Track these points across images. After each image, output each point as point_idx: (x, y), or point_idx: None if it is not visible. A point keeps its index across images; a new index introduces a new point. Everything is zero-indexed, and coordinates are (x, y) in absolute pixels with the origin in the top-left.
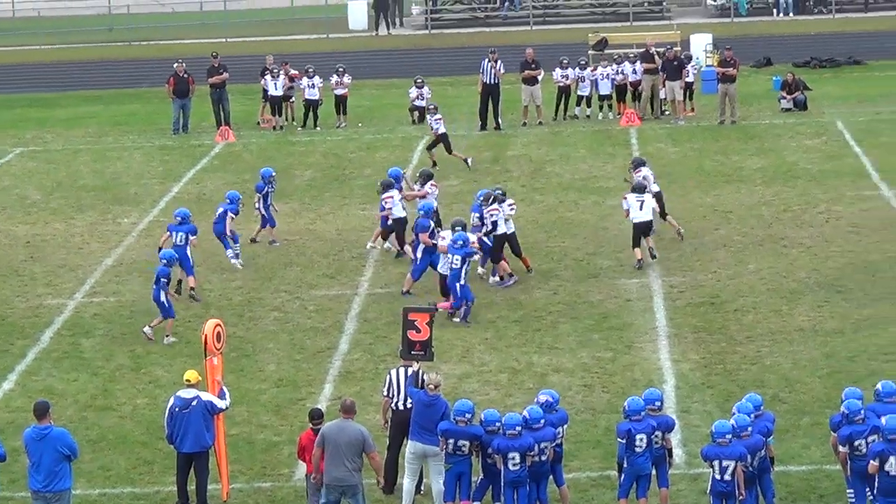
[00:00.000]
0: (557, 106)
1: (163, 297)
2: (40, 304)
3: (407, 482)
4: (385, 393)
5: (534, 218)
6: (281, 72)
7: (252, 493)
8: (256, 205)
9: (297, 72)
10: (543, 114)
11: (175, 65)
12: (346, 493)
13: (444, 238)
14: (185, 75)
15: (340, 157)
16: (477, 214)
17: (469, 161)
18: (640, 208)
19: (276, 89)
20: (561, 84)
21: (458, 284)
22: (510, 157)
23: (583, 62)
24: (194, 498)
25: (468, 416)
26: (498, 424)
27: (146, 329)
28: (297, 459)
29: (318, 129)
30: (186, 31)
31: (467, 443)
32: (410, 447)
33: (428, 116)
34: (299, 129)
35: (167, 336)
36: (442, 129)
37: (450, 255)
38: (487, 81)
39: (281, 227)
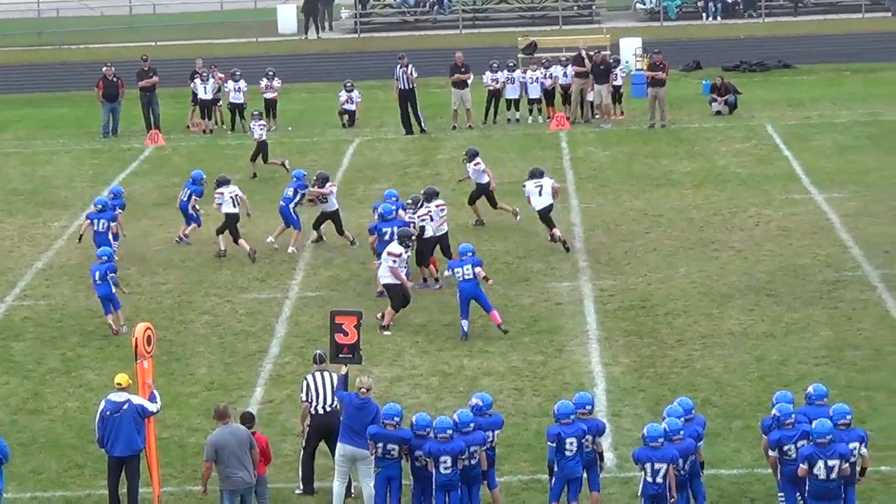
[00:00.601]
0: (487, 109)
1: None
2: None
3: (336, 485)
4: (304, 398)
5: (464, 221)
6: (210, 75)
7: (183, 496)
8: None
9: (223, 75)
10: (473, 117)
11: (104, 68)
12: (247, 493)
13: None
14: (115, 79)
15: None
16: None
17: (286, 163)
18: (540, 194)
19: (205, 93)
20: (491, 87)
21: None
22: (440, 161)
23: (511, 65)
24: (126, 501)
25: (397, 419)
26: (429, 429)
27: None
28: None
29: (247, 132)
30: (116, 34)
31: (396, 447)
32: (340, 450)
33: (252, 123)
34: (228, 132)
35: (122, 326)
36: (263, 137)
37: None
38: (403, 87)
39: (211, 230)
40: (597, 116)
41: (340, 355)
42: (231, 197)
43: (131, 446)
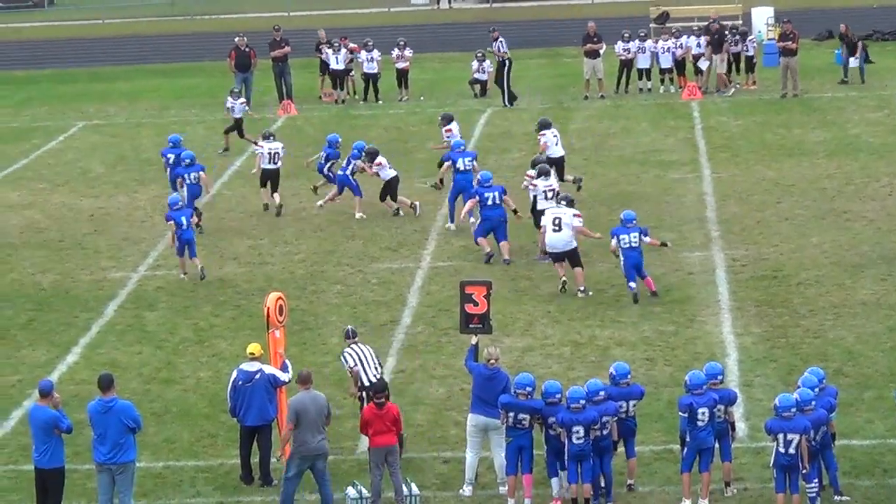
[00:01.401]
0: (619, 79)
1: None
2: (104, 278)
3: (470, 455)
4: (352, 365)
5: (596, 191)
6: (342, 46)
7: None
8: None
9: (356, 45)
10: (605, 87)
11: (236, 39)
12: (317, 460)
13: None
14: (247, 49)
15: (402, 131)
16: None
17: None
18: (556, 143)
19: (336, 63)
20: (623, 57)
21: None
22: (572, 131)
23: (643, 34)
24: (257, 471)
25: (529, 389)
26: (559, 396)
27: None
28: (360, 433)
29: (380, 102)
30: (248, 5)
31: (528, 416)
32: (471, 420)
33: (231, 100)
34: (360, 102)
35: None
36: (240, 115)
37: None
38: (499, 60)
39: (345, 200)
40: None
41: (470, 325)
42: (269, 153)
43: (263, 416)
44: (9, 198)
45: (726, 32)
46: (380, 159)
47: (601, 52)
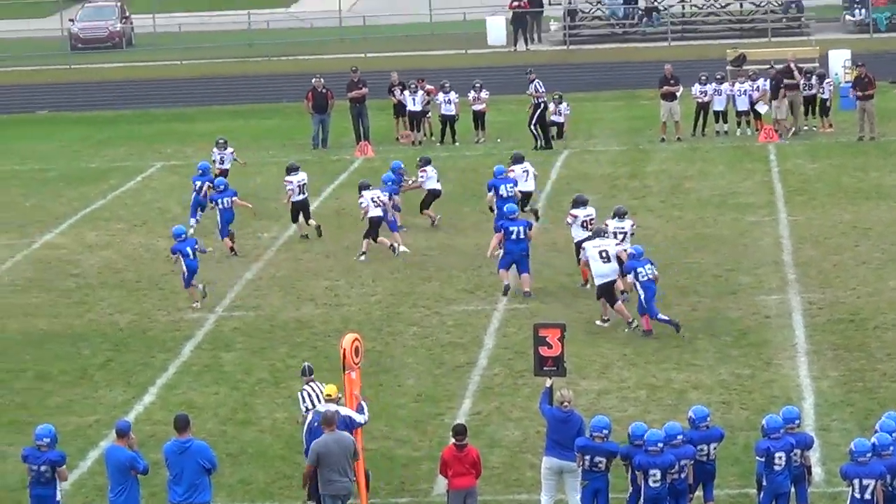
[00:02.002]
0: (696, 121)
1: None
2: (181, 318)
3: (545, 498)
4: (306, 409)
5: (672, 234)
6: (418, 87)
7: None
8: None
9: (433, 87)
10: (682, 129)
11: (313, 80)
12: (344, 500)
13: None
14: (324, 90)
15: (478, 173)
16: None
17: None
18: (525, 179)
19: (414, 104)
20: (699, 100)
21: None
22: (649, 173)
23: (720, 77)
24: None
25: (605, 432)
26: (645, 438)
27: None
28: (438, 475)
29: (457, 144)
30: (325, 46)
31: (604, 459)
32: (546, 462)
33: (217, 150)
34: (437, 144)
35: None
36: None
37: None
38: (534, 102)
39: (419, 241)
40: (806, 129)
41: (544, 368)
42: (299, 185)
43: None
44: (87, 238)
45: (784, 79)
46: (427, 168)
47: (678, 94)
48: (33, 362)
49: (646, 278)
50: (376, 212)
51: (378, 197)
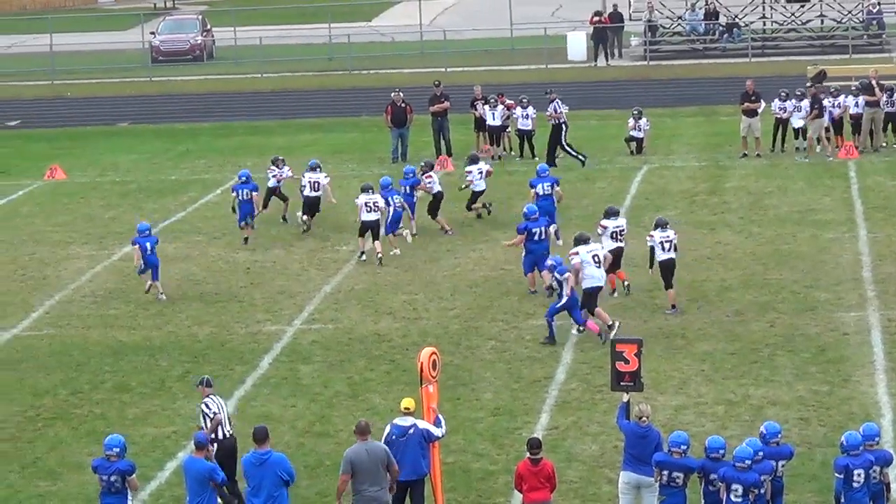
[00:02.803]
0: (774, 137)
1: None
2: (259, 331)
3: None
4: (214, 413)
5: (751, 250)
6: (498, 102)
7: None
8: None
9: (512, 102)
10: (762, 146)
11: (392, 94)
12: None
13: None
14: (403, 105)
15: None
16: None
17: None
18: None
19: (493, 119)
20: (778, 116)
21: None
22: (728, 189)
23: (800, 93)
24: None
25: (684, 447)
26: (722, 451)
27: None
28: (514, 489)
29: (536, 158)
30: (405, 60)
31: (682, 474)
32: (624, 477)
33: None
34: (517, 159)
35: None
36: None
37: None
38: (552, 122)
39: (498, 256)
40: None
41: (621, 383)
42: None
43: (416, 470)
44: (166, 250)
45: (822, 97)
46: (432, 173)
47: (759, 110)
48: (112, 373)
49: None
50: (370, 216)
51: (375, 202)
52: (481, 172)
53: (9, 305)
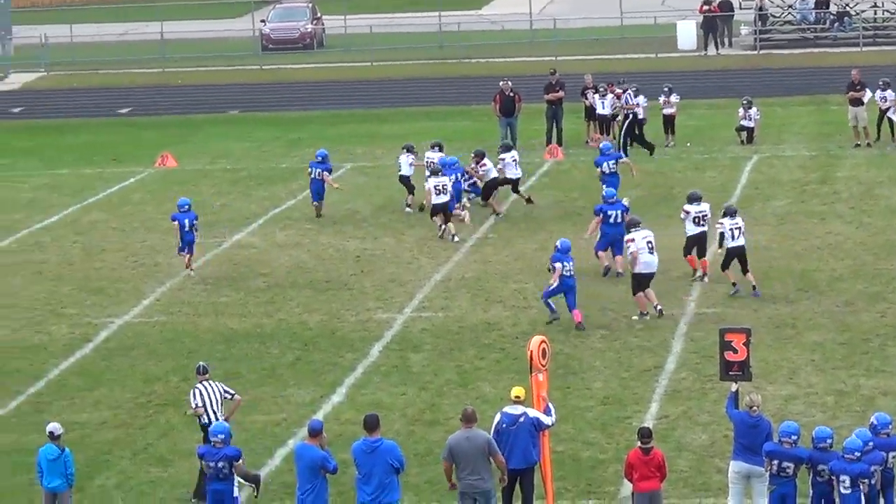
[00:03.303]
0: (878, 126)
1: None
2: (370, 318)
3: (731, 503)
4: (197, 404)
5: (861, 240)
6: (608, 91)
7: None
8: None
9: (621, 91)
10: (872, 135)
11: (501, 83)
12: (479, 498)
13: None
14: (511, 94)
15: (668, 176)
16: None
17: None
18: (516, 167)
19: (602, 108)
20: (881, 106)
21: None
22: (839, 178)
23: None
24: None
25: (794, 437)
26: (830, 441)
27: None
28: (623, 478)
29: (646, 148)
30: (515, 49)
31: (792, 465)
32: (734, 467)
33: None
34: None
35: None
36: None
37: None
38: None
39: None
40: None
41: (730, 372)
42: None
43: (526, 459)
44: (277, 238)
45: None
46: (485, 161)
47: (864, 99)
48: (222, 360)
49: (567, 274)
50: (439, 199)
51: (444, 185)
52: (511, 161)
53: (121, 292)
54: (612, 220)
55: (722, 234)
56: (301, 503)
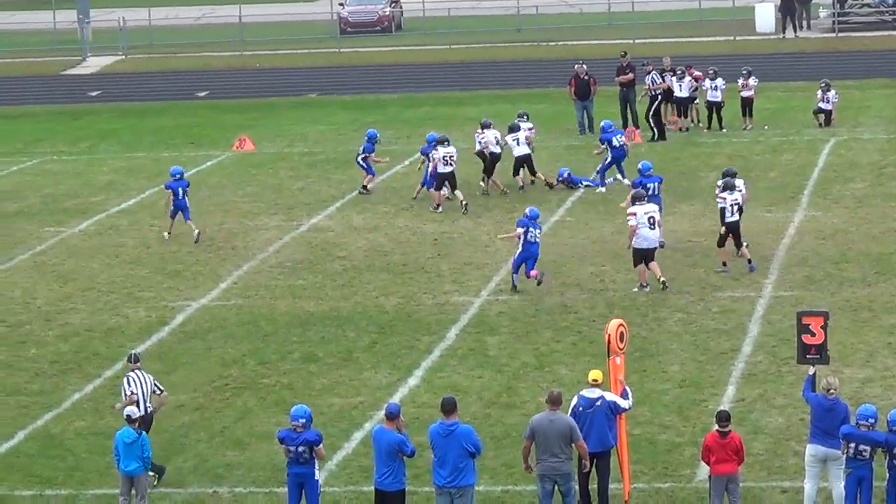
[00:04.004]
0: None
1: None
2: (447, 302)
3: (808, 486)
4: (131, 391)
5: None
6: (686, 74)
7: (653, 493)
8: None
9: (700, 74)
10: None
11: (576, 66)
12: (559, 481)
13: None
14: (587, 77)
15: (746, 159)
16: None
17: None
18: (518, 143)
19: (681, 91)
20: None
21: None
22: None
23: None
24: (596, 498)
25: (872, 420)
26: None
27: None
28: (700, 461)
29: (724, 130)
30: (594, 31)
31: (869, 448)
32: (810, 450)
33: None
34: (704, 130)
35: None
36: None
37: None
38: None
39: (685, 228)
40: None
41: (808, 356)
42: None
43: (603, 442)
44: (353, 221)
45: None
46: (484, 132)
47: None
48: (299, 344)
49: (532, 240)
50: (446, 169)
51: (451, 156)
52: (497, 139)
53: (198, 276)
54: (649, 192)
55: (723, 210)
56: (378, 486)
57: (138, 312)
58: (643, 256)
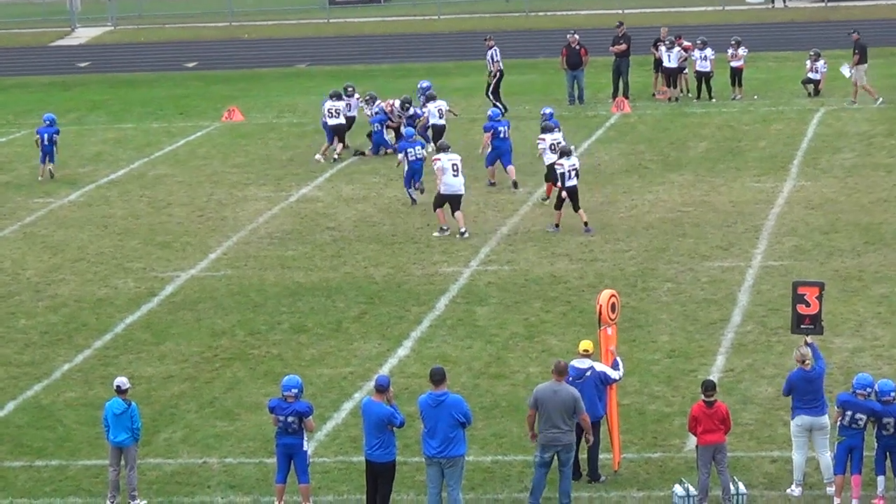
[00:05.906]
0: None
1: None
2: (436, 272)
3: (796, 456)
4: None
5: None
6: (675, 44)
7: (642, 463)
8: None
9: (689, 44)
10: None
11: (568, 36)
12: (559, 451)
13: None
14: (578, 47)
15: (735, 129)
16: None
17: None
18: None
19: (670, 61)
20: None
21: None
22: None
23: None
24: (586, 467)
25: (869, 390)
26: (893, 395)
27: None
28: (689, 431)
29: (713, 100)
30: (582, 1)
31: (864, 416)
32: (797, 421)
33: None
34: (694, 100)
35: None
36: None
37: None
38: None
39: (675, 198)
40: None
41: (802, 326)
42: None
43: (593, 412)
44: (343, 191)
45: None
46: (429, 104)
47: None
48: (289, 314)
49: (413, 158)
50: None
51: (442, 109)
52: (440, 111)
53: (187, 246)
54: (501, 136)
55: (562, 175)
56: (369, 457)
57: (128, 283)
58: (443, 201)
